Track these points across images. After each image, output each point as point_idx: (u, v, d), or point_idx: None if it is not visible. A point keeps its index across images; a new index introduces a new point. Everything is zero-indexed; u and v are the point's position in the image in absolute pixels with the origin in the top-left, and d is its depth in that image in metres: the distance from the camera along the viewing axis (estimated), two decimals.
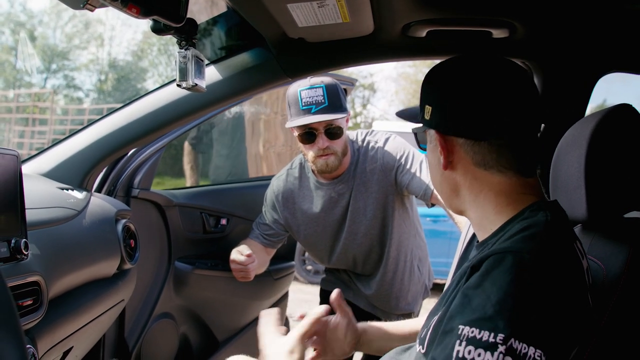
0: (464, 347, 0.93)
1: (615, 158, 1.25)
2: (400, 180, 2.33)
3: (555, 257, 1.00)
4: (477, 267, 1.01)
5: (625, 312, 1.17)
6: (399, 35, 1.71)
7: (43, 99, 18.50)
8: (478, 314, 0.95)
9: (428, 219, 7.29)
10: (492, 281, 0.97)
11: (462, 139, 1.14)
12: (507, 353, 0.90)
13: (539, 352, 0.90)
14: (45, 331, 1.37)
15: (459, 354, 0.93)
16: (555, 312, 0.94)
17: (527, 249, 0.99)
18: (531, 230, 1.04)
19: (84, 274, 1.63)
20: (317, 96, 2.19)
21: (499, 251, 1.00)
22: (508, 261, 0.97)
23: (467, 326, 0.94)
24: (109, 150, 1.96)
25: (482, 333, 0.92)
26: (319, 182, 2.39)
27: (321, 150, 2.24)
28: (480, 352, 0.91)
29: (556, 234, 1.05)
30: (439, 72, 1.20)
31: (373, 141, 2.40)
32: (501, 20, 1.60)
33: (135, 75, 24.58)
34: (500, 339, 0.90)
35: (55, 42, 24.13)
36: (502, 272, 0.96)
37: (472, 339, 0.93)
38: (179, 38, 1.34)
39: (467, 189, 1.18)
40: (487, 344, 0.91)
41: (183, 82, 1.33)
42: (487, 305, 0.94)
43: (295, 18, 1.53)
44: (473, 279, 1.00)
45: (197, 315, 2.67)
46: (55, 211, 1.59)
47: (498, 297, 0.94)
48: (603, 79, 1.84)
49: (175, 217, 2.51)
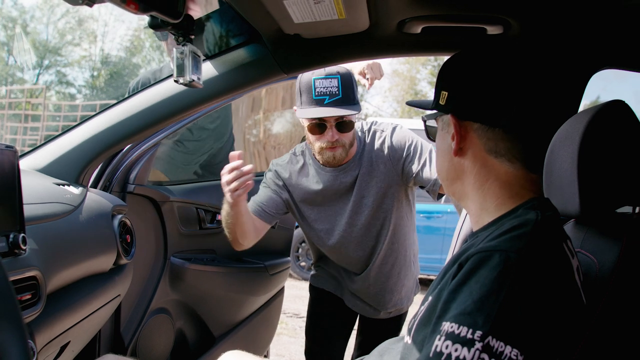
0: (443, 341, 0.93)
1: (608, 154, 1.26)
2: (408, 170, 2.28)
3: (543, 258, 1.00)
4: (464, 264, 1.02)
5: (618, 305, 1.18)
6: (394, 31, 1.72)
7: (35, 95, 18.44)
8: (459, 310, 0.95)
9: (422, 215, 7.31)
10: (476, 279, 0.97)
11: (477, 124, 1.16)
12: (483, 350, 0.89)
13: (515, 351, 0.90)
14: (43, 326, 1.38)
15: (437, 348, 0.93)
16: (538, 313, 0.94)
17: (514, 248, 0.99)
18: (520, 229, 1.04)
19: (81, 269, 1.63)
20: (331, 87, 2.15)
21: (485, 249, 1.01)
22: (494, 260, 0.98)
23: (448, 322, 0.95)
24: (105, 145, 1.96)
25: (460, 328, 0.92)
26: (323, 168, 2.35)
27: (330, 142, 2.21)
28: (458, 347, 0.91)
29: (545, 234, 1.05)
30: (459, 59, 1.22)
31: (380, 130, 2.36)
32: (496, 17, 1.61)
33: (128, 72, 24.50)
34: (478, 335, 0.90)
35: (47, 38, 24.03)
36: (487, 270, 0.97)
37: (450, 334, 0.93)
38: (177, 34, 1.35)
39: (473, 176, 1.19)
40: (464, 340, 0.91)
41: (180, 77, 1.33)
42: (468, 301, 0.95)
43: (291, 14, 1.53)
44: (459, 277, 1.01)
45: (193, 310, 2.68)
46: (52, 206, 1.60)
47: (480, 294, 0.94)
48: (600, 77, 1.85)
49: (171, 212, 2.51)
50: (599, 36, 1.72)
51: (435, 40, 1.81)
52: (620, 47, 1.76)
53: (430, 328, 1.01)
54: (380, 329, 2.58)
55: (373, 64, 2.49)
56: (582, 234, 1.37)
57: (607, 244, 1.26)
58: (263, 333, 3.07)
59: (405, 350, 1.15)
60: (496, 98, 1.13)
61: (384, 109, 27.20)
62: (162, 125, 1.99)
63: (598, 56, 1.79)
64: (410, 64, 25.59)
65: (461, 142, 1.19)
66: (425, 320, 1.08)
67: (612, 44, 1.74)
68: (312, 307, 2.74)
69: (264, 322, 3.04)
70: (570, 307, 1.01)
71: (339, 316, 2.65)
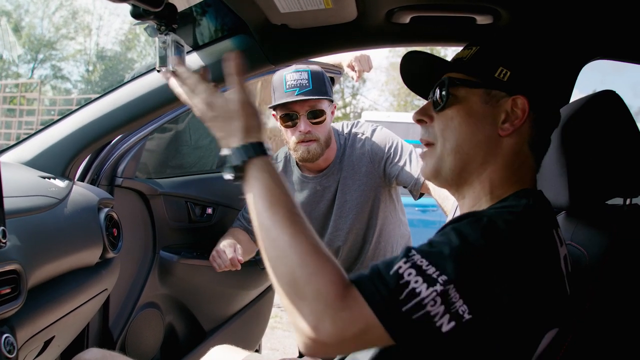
0: (407, 267, 0.93)
1: (598, 145, 1.25)
2: (390, 171, 2.30)
3: (529, 235, 1.00)
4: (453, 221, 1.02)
5: (607, 296, 1.18)
6: (382, 21, 1.70)
7: (30, 89, 18.38)
8: (435, 250, 0.95)
9: (416, 209, 7.31)
10: (460, 230, 0.97)
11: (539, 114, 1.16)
12: (440, 294, 0.90)
13: (465, 307, 0.90)
14: (25, 320, 1.36)
15: (399, 270, 0.93)
16: (508, 284, 0.94)
17: (504, 218, 0.99)
18: (512, 208, 1.04)
19: (66, 263, 1.61)
20: (301, 79, 2.17)
21: (477, 213, 1.03)
22: (483, 221, 0.98)
23: (419, 255, 0.95)
24: (92, 138, 1.93)
25: (429, 267, 0.92)
26: (304, 175, 2.36)
27: (303, 134, 2.21)
28: (419, 279, 0.91)
29: (535, 216, 1.05)
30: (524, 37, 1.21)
31: (360, 132, 2.36)
32: (485, 7, 1.59)
33: (123, 66, 24.45)
34: (442, 280, 0.90)
35: (42, 32, 23.96)
36: (475, 227, 0.97)
37: (418, 267, 0.93)
38: (159, 23, 1.32)
39: (504, 161, 1.17)
40: (427, 277, 0.91)
41: (163, 67, 1.31)
42: (445, 247, 0.94)
43: (277, 3, 1.51)
44: (445, 225, 1.02)
45: (183, 304, 2.66)
46: (35, 199, 1.58)
47: (459, 243, 0.94)
48: (597, 70, 1.84)
49: (160, 206, 2.49)
50: (591, 26, 1.70)
51: (424, 31, 1.79)
52: (612, 37, 1.74)
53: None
54: None
55: (361, 56, 2.50)
56: (572, 226, 1.36)
57: (596, 236, 1.25)
58: (254, 327, 3.06)
59: None
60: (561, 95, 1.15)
61: (380, 103, 27.26)
62: (149, 117, 1.97)
63: (590, 46, 1.77)
64: None
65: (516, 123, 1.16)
66: None
67: (604, 33, 1.73)
68: None
69: (255, 316, 3.03)
70: (548, 292, 1.00)
71: None
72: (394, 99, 27.06)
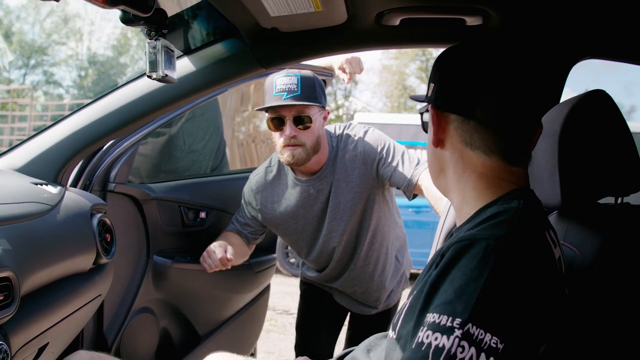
0: (424, 332, 0.93)
1: (589, 144, 1.26)
2: (383, 172, 2.30)
3: (523, 245, 1.00)
4: (446, 253, 1.02)
5: (600, 297, 1.18)
6: (372, 23, 1.70)
7: (22, 95, 18.33)
8: (441, 300, 0.95)
9: (410, 209, 7.33)
10: (457, 268, 0.97)
11: (453, 115, 1.16)
12: (463, 337, 0.89)
13: (495, 339, 0.89)
14: (18, 327, 1.35)
15: (419, 339, 0.93)
16: (518, 301, 0.94)
17: (494, 235, 0.99)
18: (500, 217, 1.04)
19: (59, 269, 1.61)
20: (290, 84, 2.17)
21: (465, 238, 1.01)
22: (474, 248, 0.97)
23: (431, 313, 0.95)
24: (84, 143, 1.93)
25: (441, 317, 0.92)
26: (297, 178, 2.35)
27: (288, 138, 2.20)
28: (438, 336, 0.91)
29: (526, 221, 1.05)
30: (447, 53, 1.22)
31: (352, 134, 2.36)
32: (475, 8, 1.60)
33: (116, 71, 24.40)
34: (458, 323, 0.90)
35: (33, 38, 23.89)
36: (467, 258, 0.97)
37: (432, 324, 0.93)
38: (149, 28, 1.32)
39: (452, 167, 1.19)
40: (444, 328, 0.91)
41: (153, 73, 1.31)
42: (449, 291, 0.94)
43: (267, 7, 1.52)
44: (440, 267, 1.01)
45: (177, 309, 2.65)
46: (28, 206, 1.57)
47: (460, 283, 0.94)
48: (589, 69, 1.85)
49: (153, 210, 2.48)
50: (580, 26, 1.71)
51: (414, 32, 1.80)
52: (601, 36, 1.75)
53: (414, 321, 1.01)
54: (370, 323, 2.60)
55: (352, 58, 2.51)
56: (564, 227, 1.36)
57: (589, 236, 1.25)
58: (249, 331, 3.05)
59: (390, 345, 1.15)
60: (468, 90, 1.14)
61: (373, 104, 27.26)
62: (141, 122, 1.97)
63: (579, 46, 1.78)
64: (400, 59, 25.67)
65: (440, 134, 1.19)
66: (409, 315, 1.08)
67: (593, 33, 1.73)
68: (303, 301, 2.77)
69: (250, 320, 3.02)
70: (552, 295, 1.00)
71: (329, 311, 2.68)
72: (387, 100, 27.09)
